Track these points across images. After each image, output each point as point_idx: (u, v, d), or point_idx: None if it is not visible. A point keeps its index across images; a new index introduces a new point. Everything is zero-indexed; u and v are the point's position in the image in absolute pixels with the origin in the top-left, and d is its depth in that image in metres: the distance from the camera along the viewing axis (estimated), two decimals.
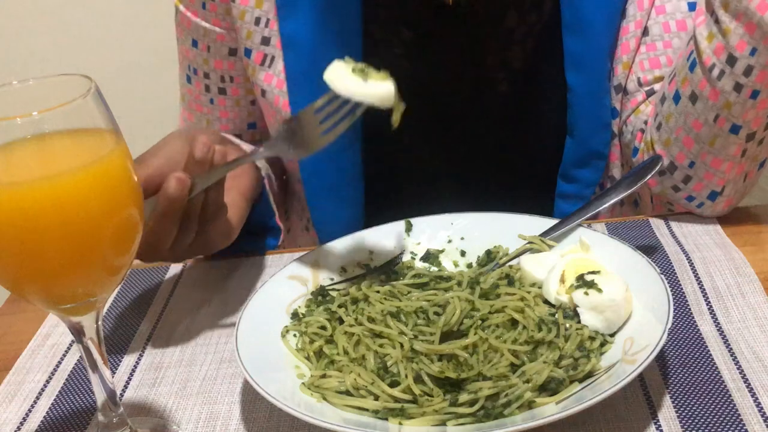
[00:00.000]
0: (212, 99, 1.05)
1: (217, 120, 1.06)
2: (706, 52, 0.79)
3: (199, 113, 1.07)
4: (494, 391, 0.63)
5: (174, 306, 0.87)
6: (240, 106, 1.05)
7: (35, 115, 0.54)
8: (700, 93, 0.81)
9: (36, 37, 1.80)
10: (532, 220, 0.82)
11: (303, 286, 0.79)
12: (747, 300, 0.75)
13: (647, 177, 0.81)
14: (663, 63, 0.91)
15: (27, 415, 0.74)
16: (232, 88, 1.04)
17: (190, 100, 1.07)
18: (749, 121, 0.80)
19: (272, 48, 0.96)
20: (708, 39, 0.79)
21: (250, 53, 0.97)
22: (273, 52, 0.96)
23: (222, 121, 1.06)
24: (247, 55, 0.97)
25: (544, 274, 0.74)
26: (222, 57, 1.01)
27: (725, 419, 0.62)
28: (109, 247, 0.58)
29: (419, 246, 0.84)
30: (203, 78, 1.03)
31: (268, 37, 0.96)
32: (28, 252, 0.55)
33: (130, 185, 0.58)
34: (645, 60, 0.92)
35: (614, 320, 0.69)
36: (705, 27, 0.79)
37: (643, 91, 0.92)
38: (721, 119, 0.80)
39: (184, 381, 0.75)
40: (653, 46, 0.91)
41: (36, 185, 0.54)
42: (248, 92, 1.04)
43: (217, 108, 1.05)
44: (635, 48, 0.91)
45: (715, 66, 0.78)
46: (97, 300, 0.60)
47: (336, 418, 0.63)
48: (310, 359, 0.71)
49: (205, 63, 1.02)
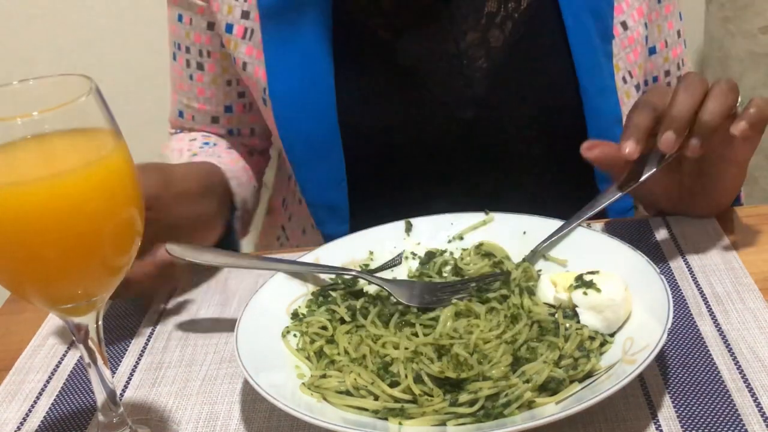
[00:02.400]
0: (192, 75, 1.08)
1: (195, 99, 1.10)
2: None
3: (181, 92, 1.11)
4: (494, 391, 0.63)
5: (174, 306, 0.87)
6: (216, 84, 1.08)
7: (35, 115, 0.54)
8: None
9: (36, 37, 1.80)
10: (532, 220, 0.83)
11: (303, 286, 0.79)
12: (746, 305, 0.75)
13: (663, 163, 0.80)
14: (639, 52, 0.99)
15: (27, 415, 0.74)
16: (209, 64, 1.07)
17: (174, 77, 1.11)
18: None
19: (251, 21, 0.98)
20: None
21: (231, 28, 0.99)
22: (252, 25, 0.98)
23: (200, 100, 1.09)
24: (228, 30, 1.00)
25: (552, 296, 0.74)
26: (201, 31, 1.05)
27: (725, 419, 0.63)
28: (110, 247, 0.58)
29: (419, 246, 0.84)
30: (185, 52, 1.07)
31: (247, 11, 0.98)
32: (28, 252, 0.55)
33: (131, 185, 0.58)
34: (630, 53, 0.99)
35: (613, 320, 0.69)
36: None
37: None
38: None
39: (184, 381, 0.75)
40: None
41: (36, 185, 0.54)
42: (224, 71, 1.07)
43: (196, 85, 1.09)
44: (641, 52, 0.99)
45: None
46: (97, 300, 0.60)
47: (336, 418, 0.63)
48: (310, 359, 0.71)
49: (187, 36, 1.06)
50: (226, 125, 1.12)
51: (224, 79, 1.08)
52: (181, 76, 1.10)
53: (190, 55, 1.07)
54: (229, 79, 1.08)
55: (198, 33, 1.05)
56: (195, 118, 1.12)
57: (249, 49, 0.99)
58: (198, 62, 1.07)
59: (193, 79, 1.09)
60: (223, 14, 0.99)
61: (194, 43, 1.06)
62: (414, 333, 0.71)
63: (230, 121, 1.12)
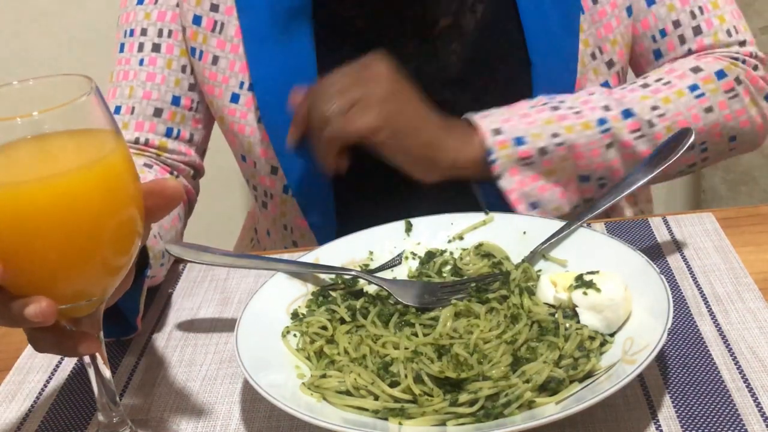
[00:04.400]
0: (143, 59, 1.01)
1: (141, 85, 1.01)
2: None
3: (124, 83, 1.02)
4: (494, 391, 0.63)
5: (174, 306, 0.87)
6: (170, 68, 1.01)
7: (35, 115, 0.54)
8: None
9: (36, 37, 1.80)
10: (533, 220, 0.83)
11: (303, 286, 0.79)
12: (747, 305, 0.75)
13: (678, 152, 0.81)
14: (614, 26, 0.98)
15: (27, 415, 0.74)
16: (168, 44, 1.01)
17: (118, 71, 1.03)
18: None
19: (221, 15, 0.97)
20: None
21: (200, 20, 0.98)
22: (222, 18, 0.97)
23: (146, 86, 1.01)
24: (196, 22, 0.98)
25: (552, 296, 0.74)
26: (168, 7, 1.00)
27: (725, 419, 0.63)
28: (110, 247, 0.58)
29: (419, 246, 0.84)
30: (139, 36, 1.02)
31: (216, 4, 0.97)
32: (27, 252, 0.55)
33: (131, 185, 0.58)
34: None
35: (613, 320, 0.69)
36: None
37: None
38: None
39: (184, 381, 0.75)
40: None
41: (36, 186, 0.54)
42: (182, 53, 1.01)
43: (146, 70, 1.01)
44: (618, 25, 0.97)
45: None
46: (96, 300, 0.60)
47: (336, 418, 0.63)
48: (310, 359, 0.71)
49: (147, 17, 1.01)
50: (168, 121, 1.02)
51: (180, 64, 1.02)
52: (128, 65, 1.02)
53: (145, 38, 1.01)
54: (185, 65, 1.02)
55: (164, 10, 1.00)
56: (135, 110, 1.01)
57: (220, 42, 0.98)
58: (155, 43, 1.01)
59: (144, 63, 1.01)
60: (191, 5, 0.98)
61: (154, 23, 1.01)
62: (414, 333, 0.71)
63: (173, 116, 1.02)
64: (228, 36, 0.98)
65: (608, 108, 0.91)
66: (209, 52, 0.99)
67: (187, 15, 0.99)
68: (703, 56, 0.98)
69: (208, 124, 1.07)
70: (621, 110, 0.91)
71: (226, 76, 0.99)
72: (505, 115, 0.90)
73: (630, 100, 0.92)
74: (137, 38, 1.02)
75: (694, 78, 0.94)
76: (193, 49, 1.00)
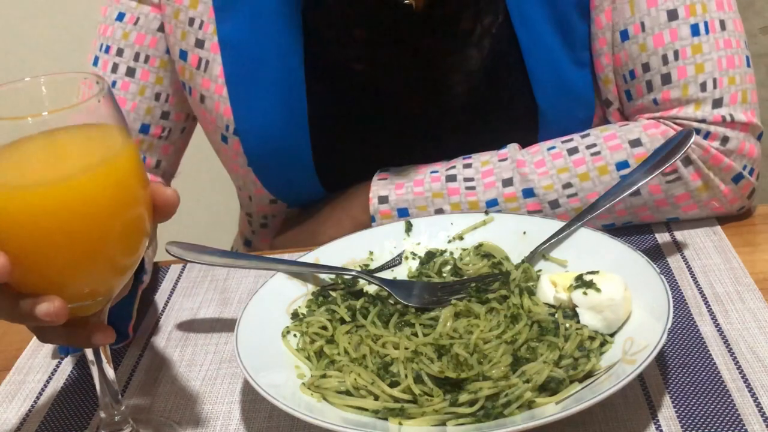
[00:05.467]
0: (115, 81, 0.96)
1: None
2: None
3: None
4: (494, 391, 0.63)
5: (174, 306, 0.87)
6: (143, 95, 0.96)
7: (45, 115, 0.54)
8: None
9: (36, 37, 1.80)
10: (533, 220, 0.83)
11: (303, 286, 0.79)
12: (747, 305, 0.75)
13: (681, 153, 0.79)
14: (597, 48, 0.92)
15: (27, 415, 0.74)
16: (143, 70, 0.95)
17: None
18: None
19: (206, 52, 0.92)
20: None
21: (185, 55, 0.94)
22: (207, 56, 0.93)
23: None
24: (182, 57, 0.94)
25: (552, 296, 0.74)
26: (148, 31, 0.95)
27: (725, 419, 0.63)
28: (118, 246, 0.58)
29: (419, 246, 0.84)
30: (114, 56, 0.95)
31: (202, 40, 0.92)
32: (36, 251, 0.55)
33: (141, 185, 0.58)
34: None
35: (613, 320, 0.69)
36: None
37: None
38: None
39: (184, 381, 0.75)
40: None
41: (48, 186, 0.54)
42: (157, 80, 0.96)
43: (116, 94, 0.95)
44: (608, 63, 0.91)
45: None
46: (102, 299, 0.60)
47: (336, 418, 0.63)
48: (310, 359, 0.71)
49: (125, 37, 0.95)
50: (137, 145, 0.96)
51: (153, 92, 0.96)
52: None
53: (120, 59, 0.95)
54: (159, 93, 0.97)
55: (143, 34, 0.95)
56: None
57: (205, 81, 0.93)
58: (129, 67, 0.95)
59: (116, 86, 0.95)
60: (177, 38, 0.93)
61: (132, 45, 0.95)
62: (414, 333, 0.71)
63: (140, 144, 0.97)
64: (213, 75, 0.93)
65: (510, 183, 0.86)
66: (197, 90, 0.94)
67: (174, 48, 0.94)
68: (654, 124, 0.86)
69: (180, 149, 1.03)
70: (522, 189, 0.85)
71: (213, 117, 0.95)
72: (401, 179, 0.89)
73: (539, 175, 0.85)
74: (112, 57, 0.96)
75: (627, 153, 0.84)
76: (183, 84, 0.96)
